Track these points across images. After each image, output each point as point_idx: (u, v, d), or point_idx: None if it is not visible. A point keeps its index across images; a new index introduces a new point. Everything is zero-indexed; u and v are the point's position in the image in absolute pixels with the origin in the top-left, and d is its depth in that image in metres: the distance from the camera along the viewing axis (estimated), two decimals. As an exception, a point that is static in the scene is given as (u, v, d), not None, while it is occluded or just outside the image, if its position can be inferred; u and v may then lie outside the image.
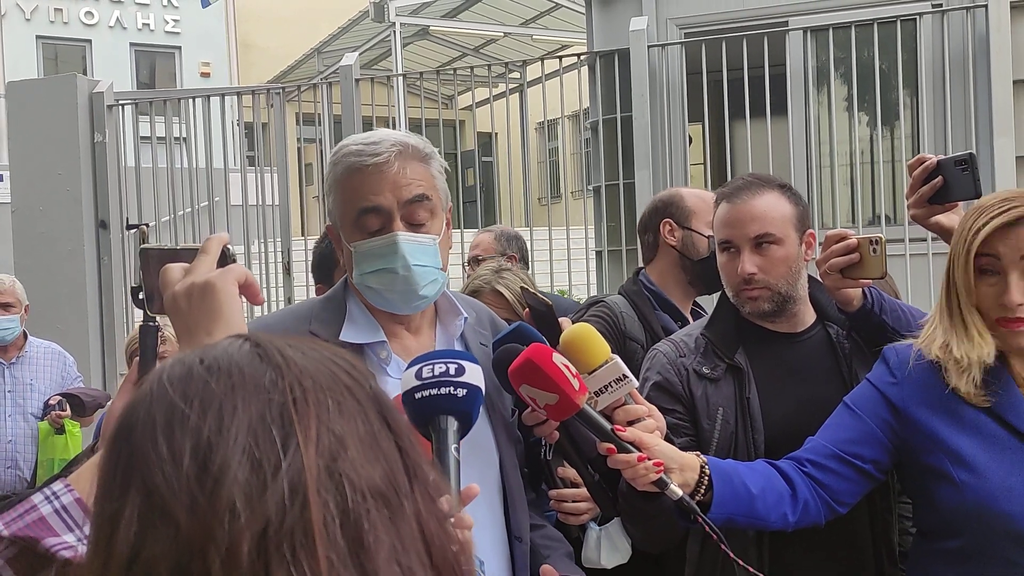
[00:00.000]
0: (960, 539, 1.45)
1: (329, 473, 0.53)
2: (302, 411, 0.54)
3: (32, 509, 0.73)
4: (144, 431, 0.54)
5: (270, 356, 0.58)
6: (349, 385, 0.58)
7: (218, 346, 0.59)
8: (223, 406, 0.54)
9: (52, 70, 15.63)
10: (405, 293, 1.39)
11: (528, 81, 8.10)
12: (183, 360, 0.58)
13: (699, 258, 2.24)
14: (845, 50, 4.35)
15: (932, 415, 1.49)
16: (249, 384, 0.55)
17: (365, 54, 12.69)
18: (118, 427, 0.57)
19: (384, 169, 1.36)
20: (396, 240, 1.37)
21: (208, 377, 0.56)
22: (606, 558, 1.74)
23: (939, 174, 1.70)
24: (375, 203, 1.37)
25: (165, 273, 0.97)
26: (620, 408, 1.35)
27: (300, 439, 0.53)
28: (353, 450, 0.54)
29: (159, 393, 0.56)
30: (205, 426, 0.53)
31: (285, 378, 0.56)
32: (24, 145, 5.32)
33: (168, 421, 0.54)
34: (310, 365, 0.58)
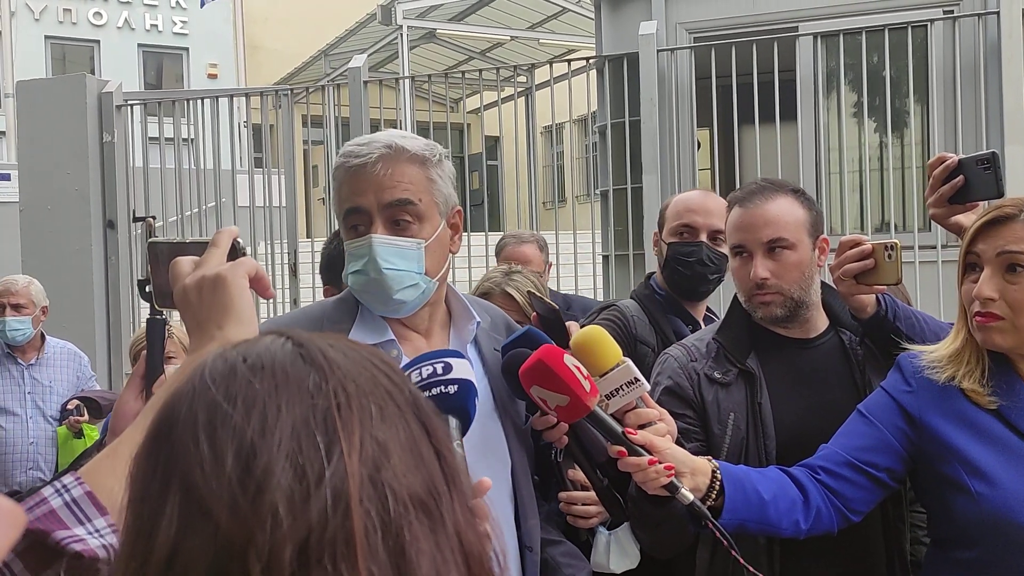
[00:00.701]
0: (975, 550, 1.44)
1: (372, 482, 0.52)
2: (346, 417, 0.54)
3: (43, 502, 0.73)
4: (185, 428, 0.54)
5: (313, 357, 0.57)
6: (390, 389, 0.58)
7: (260, 343, 0.59)
8: (267, 407, 0.53)
9: (60, 70, 15.70)
10: (379, 295, 1.39)
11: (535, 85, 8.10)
12: (225, 356, 0.58)
13: (663, 266, 2.25)
14: (855, 56, 4.34)
15: (947, 424, 1.48)
16: (293, 386, 0.55)
17: (372, 57, 12.69)
18: (158, 423, 0.56)
19: (368, 170, 1.36)
20: (370, 242, 1.37)
21: (251, 376, 0.55)
22: (615, 563, 1.73)
23: (960, 173, 1.69)
24: (355, 204, 1.38)
25: (175, 266, 0.97)
26: (631, 411, 1.34)
27: (344, 446, 0.52)
28: (396, 458, 0.54)
29: (201, 390, 0.55)
30: (249, 427, 0.52)
31: (329, 382, 0.55)
32: (33, 144, 5.34)
33: (210, 419, 0.53)
34: (352, 368, 0.57)
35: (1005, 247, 1.42)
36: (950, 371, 1.49)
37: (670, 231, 2.23)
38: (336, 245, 2.35)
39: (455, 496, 0.56)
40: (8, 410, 3.72)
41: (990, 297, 1.42)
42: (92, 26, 16.49)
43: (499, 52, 13.92)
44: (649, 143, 4.55)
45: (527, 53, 13.49)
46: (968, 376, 1.47)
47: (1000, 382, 1.46)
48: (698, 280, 2.20)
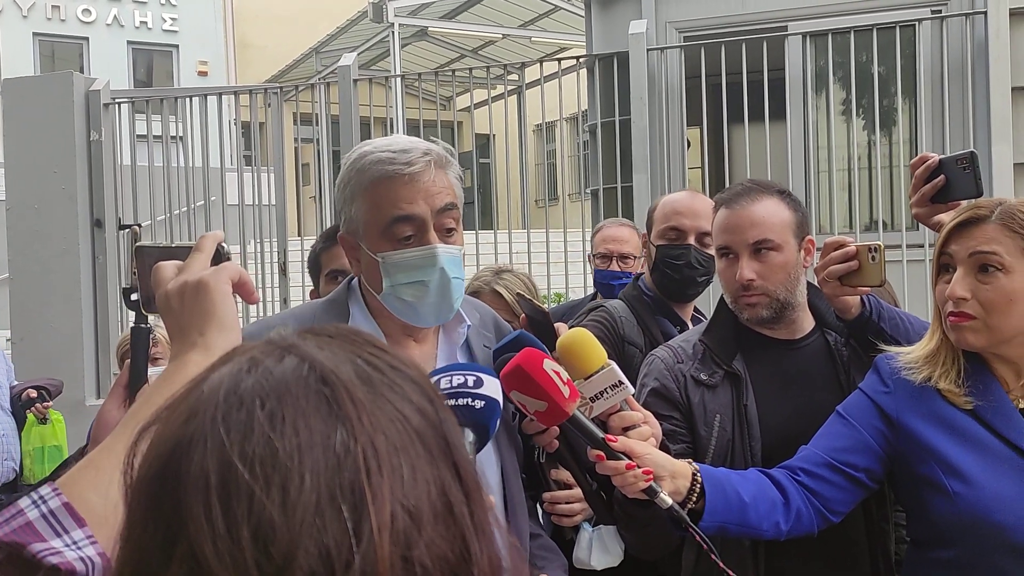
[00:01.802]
0: (953, 549, 1.45)
1: (404, 562, 0.47)
2: (376, 485, 0.48)
3: (19, 514, 0.71)
4: (196, 489, 0.48)
5: (339, 401, 0.51)
6: (420, 431, 0.52)
7: (278, 375, 0.52)
8: (289, 475, 0.47)
9: (49, 67, 15.59)
10: (439, 306, 1.38)
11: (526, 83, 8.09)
12: (240, 395, 0.51)
13: (652, 269, 2.25)
14: (844, 55, 4.35)
15: (924, 424, 1.49)
16: (318, 448, 0.48)
17: (363, 54, 12.68)
18: (160, 469, 0.50)
19: (419, 178, 1.34)
20: (436, 252, 1.35)
21: (271, 431, 0.49)
22: (596, 559, 1.73)
23: (941, 173, 1.70)
24: (409, 212, 1.34)
25: (157, 271, 0.96)
26: (615, 414, 1.34)
27: (374, 523, 0.47)
28: (427, 527, 0.49)
29: (214, 442, 0.49)
30: (268, 500, 0.47)
31: (358, 439, 0.49)
32: (19, 142, 5.30)
33: (223, 483, 0.47)
34: (381, 413, 0.51)
35: (977, 248, 1.44)
36: (926, 372, 1.50)
37: (658, 233, 2.23)
38: (316, 249, 2.35)
39: (483, 547, 0.52)
40: None
41: (963, 297, 1.43)
42: (81, 23, 16.38)
43: (491, 50, 13.91)
44: (639, 142, 4.56)
45: (519, 51, 13.48)
46: (944, 377, 1.48)
47: (976, 382, 1.47)
48: (687, 283, 2.20)
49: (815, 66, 4.49)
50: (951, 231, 1.48)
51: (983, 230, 1.44)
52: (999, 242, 1.43)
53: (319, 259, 2.32)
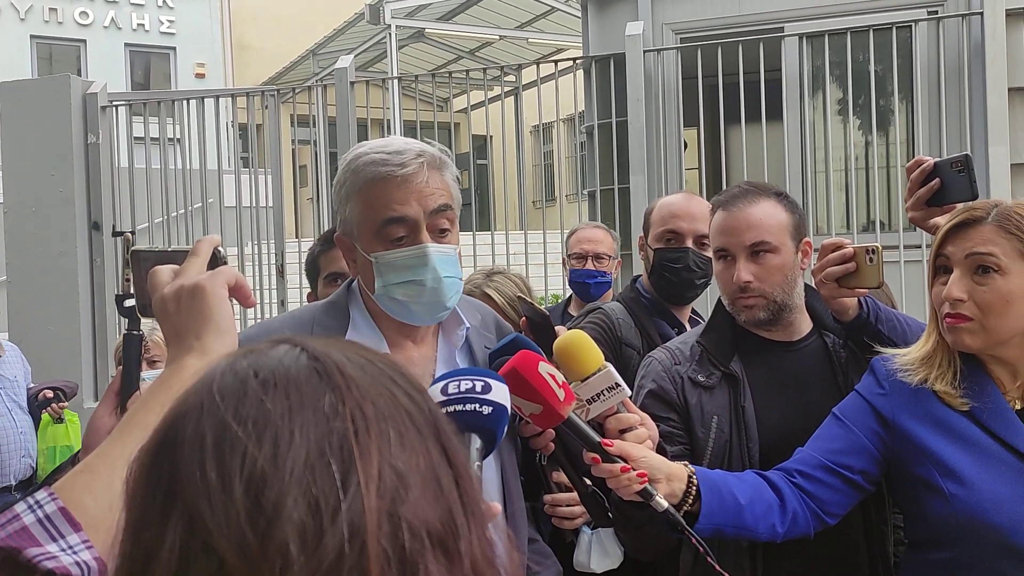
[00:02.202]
0: (950, 551, 1.45)
1: (390, 517, 0.49)
2: (363, 444, 0.50)
3: (15, 519, 0.71)
4: (191, 451, 0.50)
5: (330, 374, 0.53)
6: (410, 410, 0.54)
7: (272, 355, 0.55)
8: (279, 432, 0.49)
9: (47, 70, 15.58)
10: (432, 305, 1.39)
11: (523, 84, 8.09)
12: (235, 370, 0.54)
13: (650, 271, 2.25)
14: (841, 56, 4.36)
15: (920, 426, 1.49)
16: (308, 407, 0.51)
17: (360, 56, 12.68)
18: (160, 441, 0.52)
19: (411, 179, 1.34)
20: (427, 252, 1.35)
21: (263, 395, 0.51)
22: (596, 562, 1.74)
23: (936, 176, 1.70)
24: (402, 213, 1.35)
25: (153, 276, 0.96)
26: (612, 416, 1.34)
27: (361, 477, 0.49)
28: (415, 489, 0.50)
29: (209, 408, 0.51)
30: (260, 454, 0.48)
31: (346, 403, 0.52)
32: (17, 146, 5.29)
33: (218, 442, 0.49)
34: (371, 387, 0.54)
35: (974, 249, 1.44)
36: (923, 373, 1.50)
37: (656, 237, 2.23)
38: (315, 251, 2.35)
39: (473, 528, 0.53)
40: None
41: (959, 298, 1.44)
42: (78, 25, 16.36)
43: (488, 51, 13.91)
44: (636, 143, 4.56)
45: (516, 52, 13.48)
46: (940, 378, 1.48)
47: (972, 384, 1.47)
48: (685, 286, 2.20)
49: (812, 67, 4.50)
50: (947, 233, 1.48)
51: (979, 231, 1.44)
52: (995, 243, 1.43)
53: (317, 262, 2.32)
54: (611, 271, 3.17)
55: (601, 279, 3.14)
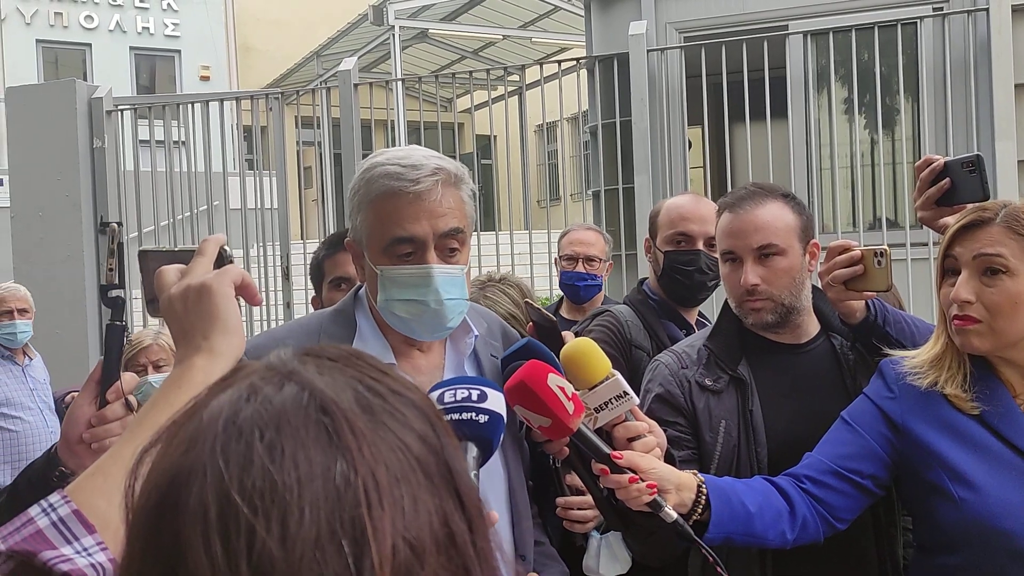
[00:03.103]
0: (959, 555, 1.44)
1: None
2: (376, 518, 0.48)
3: (29, 522, 0.71)
4: (194, 522, 0.47)
5: (340, 432, 0.50)
6: (422, 459, 0.52)
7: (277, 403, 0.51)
8: (288, 508, 0.47)
9: (52, 74, 15.63)
10: (433, 325, 1.38)
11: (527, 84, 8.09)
12: (238, 424, 0.50)
13: (660, 274, 2.23)
14: (845, 54, 4.34)
15: (930, 430, 1.48)
16: (317, 481, 0.48)
17: (364, 57, 12.68)
18: (159, 500, 0.50)
19: (424, 197, 1.32)
20: (431, 273, 1.33)
21: (270, 463, 0.48)
22: (604, 567, 1.72)
23: (946, 176, 1.68)
24: (411, 233, 1.32)
25: (160, 276, 0.96)
26: (620, 425, 1.33)
27: (375, 557, 0.46)
28: (430, 559, 0.48)
29: (214, 476, 0.48)
30: (268, 535, 0.46)
31: (358, 471, 0.49)
32: (23, 150, 5.31)
33: (222, 517, 0.47)
34: (383, 444, 0.51)
35: (982, 250, 1.43)
36: (932, 376, 1.49)
37: (665, 239, 2.21)
38: (320, 255, 2.34)
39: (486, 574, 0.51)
40: (24, 405, 4.05)
41: (967, 300, 1.42)
42: (84, 29, 16.40)
43: (491, 51, 13.90)
44: (640, 143, 4.55)
45: (520, 52, 13.47)
46: (950, 381, 1.47)
47: (982, 387, 1.46)
48: (698, 288, 2.19)
49: (816, 65, 4.48)
50: (955, 233, 1.47)
51: (988, 232, 1.43)
52: (1004, 244, 1.42)
53: (322, 266, 2.31)
54: (602, 274, 3.15)
55: (591, 282, 3.12)
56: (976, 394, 1.46)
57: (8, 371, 4.09)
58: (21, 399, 4.04)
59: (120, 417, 1.07)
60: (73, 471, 1.07)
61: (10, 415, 3.99)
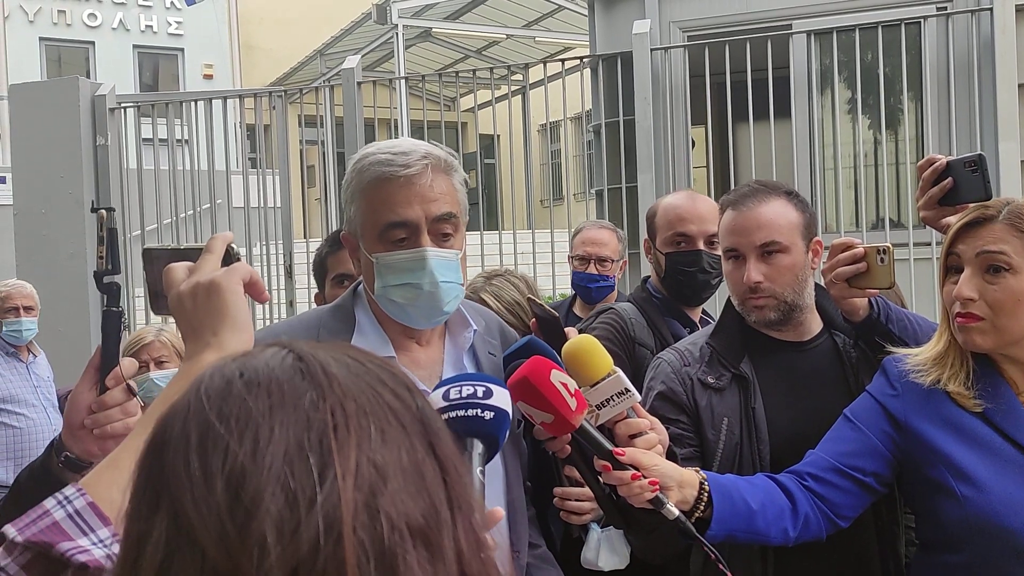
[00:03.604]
0: (962, 553, 1.44)
1: (367, 509, 0.50)
2: (342, 438, 0.51)
3: (45, 514, 0.72)
4: (177, 448, 0.52)
5: (313, 373, 0.55)
6: (394, 407, 0.55)
7: (260, 357, 0.57)
8: (259, 429, 0.51)
9: (55, 72, 15.65)
10: (429, 309, 1.38)
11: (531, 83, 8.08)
12: (223, 371, 0.56)
13: (663, 276, 2.23)
14: (849, 53, 4.33)
15: (933, 427, 1.48)
16: (288, 404, 0.52)
17: (367, 56, 12.68)
18: (151, 440, 0.54)
19: (414, 181, 1.33)
20: (425, 256, 1.34)
21: (246, 394, 0.53)
22: (604, 561, 1.71)
23: (948, 175, 1.68)
24: (404, 217, 1.34)
25: (169, 273, 0.96)
26: (622, 421, 1.33)
27: (338, 469, 0.50)
28: (394, 483, 0.51)
29: (196, 408, 0.53)
30: (240, 449, 0.50)
31: (327, 399, 0.53)
32: (26, 148, 5.32)
33: (202, 440, 0.51)
34: (354, 384, 0.55)
35: (984, 247, 1.43)
36: (935, 374, 1.49)
37: (665, 241, 2.20)
38: (323, 252, 2.34)
39: (459, 522, 0.53)
40: (28, 402, 4.07)
41: (970, 297, 1.42)
42: (87, 27, 16.42)
43: (495, 50, 13.90)
44: (644, 142, 4.55)
45: (523, 51, 13.47)
46: (953, 379, 1.47)
47: (985, 384, 1.46)
48: (701, 287, 2.19)
49: (820, 64, 4.48)
50: (958, 231, 1.47)
51: (991, 230, 1.43)
52: (1006, 242, 1.42)
53: (325, 263, 2.32)
54: (615, 274, 3.13)
55: (603, 283, 3.10)
56: (979, 391, 1.46)
57: (13, 368, 4.11)
58: (25, 396, 4.07)
59: (120, 403, 1.08)
60: (78, 456, 1.09)
61: (14, 412, 4.01)
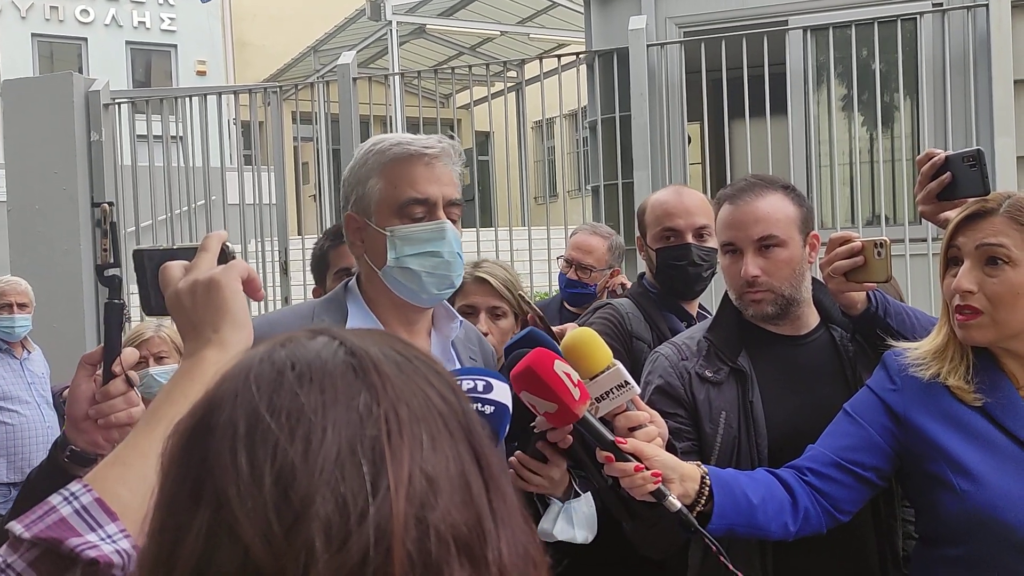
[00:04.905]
0: (962, 547, 1.44)
1: (418, 522, 0.48)
2: (395, 447, 0.50)
3: (52, 510, 0.72)
4: (223, 437, 0.50)
5: (366, 370, 0.53)
6: (443, 412, 0.54)
7: (310, 347, 0.55)
8: (312, 427, 0.50)
9: (48, 68, 15.57)
10: (442, 278, 1.43)
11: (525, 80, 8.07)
12: (272, 359, 0.54)
13: (655, 272, 2.23)
14: (845, 49, 4.34)
15: (933, 422, 1.48)
16: (341, 405, 0.51)
17: (361, 52, 12.63)
18: (194, 424, 0.53)
19: (436, 163, 1.42)
20: (445, 227, 1.42)
21: (298, 388, 0.52)
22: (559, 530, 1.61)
23: (947, 170, 1.68)
24: (426, 194, 1.42)
25: (165, 271, 0.97)
26: (621, 414, 1.33)
27: (391, 481, 0.49)
28: (444, 495, 0.50)
29: (244, 396, 0.52)
30: (291, 448, 0.49)
31: (381, 404, 0.52)
32: (20, 144, 5.29)
33: (250, 431, 0.50)
34: (405, 387, 0.53)
35: (984, 240, 1.43)
36: (935, 368, 1.49)
37: (654, 237, 2.21)
38: (323, 246, 2.33)
39: (502, 534, 0.52)
40: (21, 399, 4.07)
41: (969, 290, 1.42)
42: (79, 23, 16.33)
43: (489, 47, 13.87)
44: (640, 138, 4.54)
45: (517, 48, 13.44)
46: (953, 373, 1.47)
47: (985, 378, 1.46)
48: (693, 280, 2.19)
49: (816, 60, 4.48)
50: (959, 224, 1.47)
51: (991, 223, 1.43)
52: (1007, 235, 1.42)
53: (327, 257, 2.30)
54: (596, 282, 3.06)
55: (582, 290, 3.07)
56: (978, 385, 1.46)
57: (6, 364, 4.10)
58: (18, 393, 4.06)
59: (123, 392, 1.09)
60: (83, 448, 1.09)
61: (7, 408, 4.00)
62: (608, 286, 3.08)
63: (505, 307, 2.05)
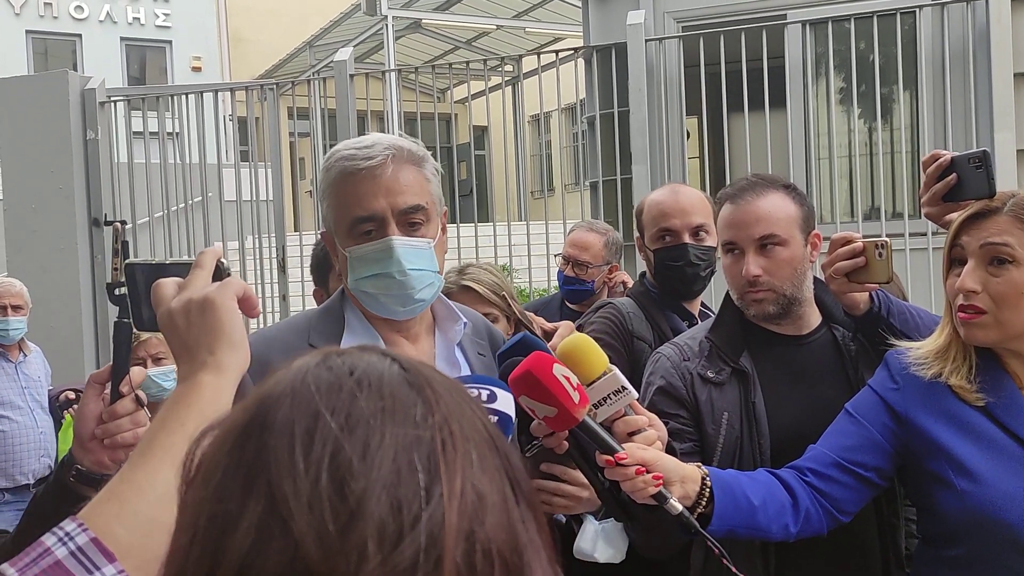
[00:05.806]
0: (962, 547, 1.44)
1: (467, 536, 0.48)
2: (450, 458, 0.50)
3: (46, 552, 0.69)
4: (282, 433, 0.50)
5: (420, 386, 0.54)
6: (484, 436, 0.54)
7: (364, 359, 0.56)
8: (371, 430, 0.50)
9: (42, 65, 15.51)
10: (401, 297, 1.38)
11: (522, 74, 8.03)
12: (329, 364, 0.55)
13: (653, 272, 2.22)
14: (844, 43, 4.32)
15: (934, 421, 1.47)
16: (399, 412, 0.51)
17: (357, 48, 12.58)
18: (248, 420, 0.52)
19: (378, 174, 1.35)
20: (391, 244, 1.35)
21: (358, 392, 0.52)
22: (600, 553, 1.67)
23: (953, 171, 1.67)
24: (369, 210, 1.35)
25: (158, 289, 0.93)
26: (620, 419, 1.32)
27: (445, 490, 0.48)
28: (491, 515, 0.50)
29: (303, 395, 0.52)
30: (349, 446, 0.49)
31: (435, 415, 0.52)
32: (16, 142, 5.27)
33: (309, 429, 0.50)
34: (455, 406, 0.54)
35: (988, 239, 1.42)
36: (937, 367, 1.48)
37: (651, 238, 2.20)
38: (323, 247, 2.31)
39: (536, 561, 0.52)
40: (14, 404, 4.00)
41: (972, 289, 1.41)
42: (74, 20, 16.25)
43: (485, 41, 13.84)
44: (638, 133, 4.53)
45: (513, 42, 13.41)
46: (955, 372, 1.46)
47: (987, 378, 1.45)
48: (691, 280, 2.18)
49: (815, 54, 4.46)
50: (963, 223, 1.47)
51: (995, 222, 1.42)
52: (1011, 234, 1.41)
53: (328, 258, 2.28)
54: (593, 279, 3.04)
55: (578, 287, 3.05)
56: (981, 385, 1.45)
57: (0, 369, 4.03)
58: (11, 398, 4.00)
59: (130, 412, 1.08)
60: (89, 468, 1.07)
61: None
62: (607, 282, 3.07)
63: (495, 312, 2.04)
